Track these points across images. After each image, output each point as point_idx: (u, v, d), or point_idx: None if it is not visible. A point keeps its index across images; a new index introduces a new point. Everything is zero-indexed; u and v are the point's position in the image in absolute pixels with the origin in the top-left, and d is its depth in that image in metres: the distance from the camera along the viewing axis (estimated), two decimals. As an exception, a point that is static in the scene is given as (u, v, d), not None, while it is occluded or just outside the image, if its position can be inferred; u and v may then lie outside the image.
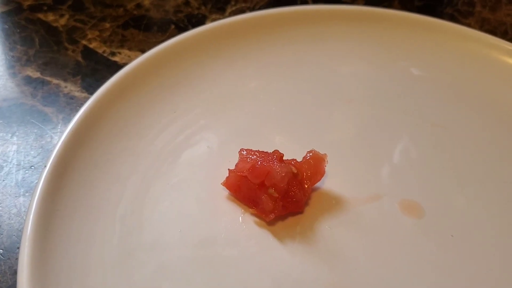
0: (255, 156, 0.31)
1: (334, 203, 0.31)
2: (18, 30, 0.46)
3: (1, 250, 0.30)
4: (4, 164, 0.35)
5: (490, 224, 0.31)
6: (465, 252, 0.29)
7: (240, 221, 0.30)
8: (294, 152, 0.32)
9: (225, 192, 0.32)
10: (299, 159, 0.31)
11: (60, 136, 0.32)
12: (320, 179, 0.32)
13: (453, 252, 0.29)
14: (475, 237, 0.30)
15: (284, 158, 0.31)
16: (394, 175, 0.33)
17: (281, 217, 0.30)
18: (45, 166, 0.30)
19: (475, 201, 0.32)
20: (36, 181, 0.33)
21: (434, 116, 0.38)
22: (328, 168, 0.31)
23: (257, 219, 0.30)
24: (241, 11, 0.50)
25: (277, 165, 0.30)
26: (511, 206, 0.32)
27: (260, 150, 0.31)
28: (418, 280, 0.28)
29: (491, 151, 0.35)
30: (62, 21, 0.47)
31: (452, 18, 0.50)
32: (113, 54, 0.44)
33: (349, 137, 0.36)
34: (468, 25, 0.48)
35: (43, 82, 0.41)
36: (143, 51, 0.44)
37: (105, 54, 0.44)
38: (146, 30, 0.47)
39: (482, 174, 0.34)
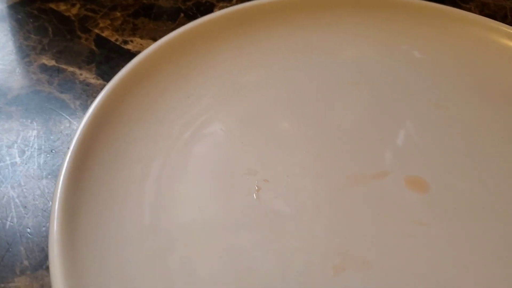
0: None
1: (342, 181, 0.33)
2: (31, 20, 0.48)
3: (29, 229, 0.32)
4: (26, 149, 0.37)
5: (492, 198, 0.33)
6: (467, 225, 0.31)
7: (255, 198, 0.32)
8: (303, 136, 0.33)
9: (243, 176, 0.33)
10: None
11: (79, 122, 0.33)
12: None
13: (456, 225, 0.31)
14: (477, 211, 0.32)
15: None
16: (399, 153, 0.35)
17: (293, 194, 0.32)
18: (68, 148, 0.31)
19: (478, 177, 0.34)
20: (58, 164, 0.35)
21: (437, 97, 0.39)
22: (336, 148, 0.33)
23: (271, 201, 0.32)
24: (248, -2, 0.51)
25: None
26: None
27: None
28: (423, 252, 0.30)
29: (491, 129, 0.37)
30: (74, 10, 0.49)
31: (453, 3, 0.51)
32: (125, 42, 0.46)
33: (356, 119, 0.38)
34: (469, 9, 0.50)
35: (59, 70, 0.43)
36: (154, 39, 0.45)
37: (117, 42, 0.45)
38: (156, 18, 0.48)
39: (484, 151, 0.35)
